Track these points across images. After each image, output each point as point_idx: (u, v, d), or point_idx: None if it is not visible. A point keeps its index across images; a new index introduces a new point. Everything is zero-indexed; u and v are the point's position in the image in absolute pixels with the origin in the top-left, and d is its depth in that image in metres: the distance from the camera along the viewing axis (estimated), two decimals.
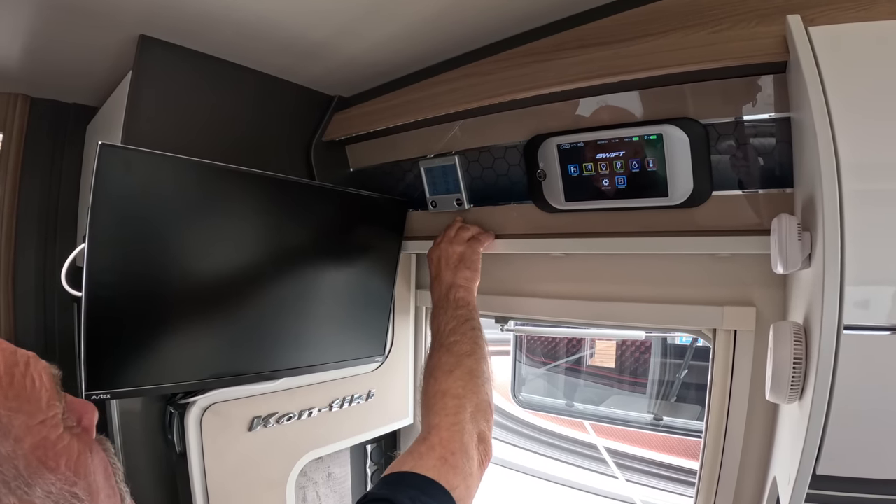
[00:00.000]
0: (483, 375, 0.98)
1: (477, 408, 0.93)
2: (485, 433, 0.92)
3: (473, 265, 1.14)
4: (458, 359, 0.98)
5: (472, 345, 1.01)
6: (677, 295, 1.07)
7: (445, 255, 1.15)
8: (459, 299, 1.09)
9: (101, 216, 0.84)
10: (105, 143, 0.82)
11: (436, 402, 0.92)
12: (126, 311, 0.89)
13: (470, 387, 0.94)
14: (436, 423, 0.88)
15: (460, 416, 0.89)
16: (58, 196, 1.39)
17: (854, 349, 0.59)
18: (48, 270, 1.39)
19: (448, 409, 0.90)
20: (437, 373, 0.96)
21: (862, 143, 0.62)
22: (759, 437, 0.98)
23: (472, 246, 1.15)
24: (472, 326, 1.05)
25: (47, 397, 0.53)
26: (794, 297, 0.83)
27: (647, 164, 0.93)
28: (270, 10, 0.94)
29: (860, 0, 0.72)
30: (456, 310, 1.07)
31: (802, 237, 0.68)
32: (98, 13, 0.93)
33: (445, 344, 1.01)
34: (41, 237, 1.37)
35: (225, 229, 1.00)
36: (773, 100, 0.83)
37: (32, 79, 1.25)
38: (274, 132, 1.24)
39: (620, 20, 0.91)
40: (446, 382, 0.94)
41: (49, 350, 1.35)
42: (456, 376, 0.95)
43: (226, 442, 1.13)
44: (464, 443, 0.86)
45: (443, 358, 0.99)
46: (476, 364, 0.99)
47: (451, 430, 0.87)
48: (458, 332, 1.03)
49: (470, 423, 0.89)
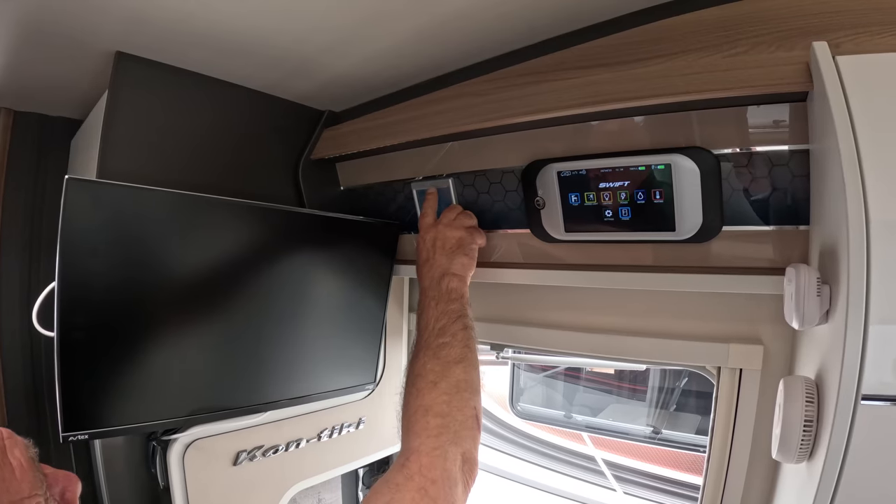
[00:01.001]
0: (472, 387, 0.91)
1: (462, 426, 0.86)
2: (470, 452, 0.85)
3: (472, 252, 1.05)
4: (446, 367, 0.90)
5: (462, 348, 0.93)
6: (681, 329, 1.02)
7: (442, 237, 1.04)
8: (453, 290, 1.00)
9: (70, 253, 0.80)
10: (72, 178, 0.78)
11: (417, 419, 0.85)
12: (102, 349, 0.85)
13: (455, 402, 0.87)
14: (416, 447, 0.82)
15: (443, 439, 0.82)
16: (42, 213, 1.34)
17: (871, 419, 0.55)
18: (32, 288, 1.33)
19: (430, 429, 0.83)
20: (420, 383, 0.89)
21: (894, 189, 0.56)
22: (760, 484, 0.93)
23: (472, 234, 1.06)
24: (464, 325, 0.96)
25: (29, 485, 0.51)
26: (806, 344, 0.78)
27: (654, 196, 0.86)
28: (257, 25, 0.88)
29: (890, 24, 0.66)
30: (448, 303, 0.98)
31: (821, 291, 0.62)
32: (74, 29, 0.88)
33: (433, 346, 0.93)
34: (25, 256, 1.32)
35: (205, 262, 0.95)
36: (789, 130, 0.77)
37: (15, 93, 1.20)
38: (261, 149, 1.19)
39: (626, 38, 0.85)
40: (430, 396, 0.87)
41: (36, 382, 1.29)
42: (441, 390, 0.87)
43: (210, 477, 1.09)
44: (446, 469, 0.80)
45: (428, 364, 0.90)
46: (465, 374, 0.90)
47: (433, 455, 0.80)
48: (448, 333, 0.94)
49: (453, 446, 0.83)
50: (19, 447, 0.53)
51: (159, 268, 0.90)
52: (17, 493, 0.50)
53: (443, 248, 1.04)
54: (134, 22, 0.86)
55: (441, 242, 1.04)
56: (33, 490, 0.52)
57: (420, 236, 1.08)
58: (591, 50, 0.87)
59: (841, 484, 0.56)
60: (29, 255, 1.30)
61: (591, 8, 0.85)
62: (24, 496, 0.51)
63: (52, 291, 0.80)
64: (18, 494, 0.50)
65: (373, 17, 0.86)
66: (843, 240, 0.56)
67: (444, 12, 0.84)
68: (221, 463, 1.11)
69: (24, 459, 0.52)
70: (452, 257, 1.03)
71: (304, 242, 1.09)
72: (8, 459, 0.51)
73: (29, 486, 0.51)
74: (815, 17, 0.70)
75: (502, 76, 0.96)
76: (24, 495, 0.51)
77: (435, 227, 1.07)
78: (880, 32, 0.65)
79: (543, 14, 0.87)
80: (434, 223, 1.08)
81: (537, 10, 0.85)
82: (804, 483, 0.64)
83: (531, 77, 0.92)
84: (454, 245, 1.04)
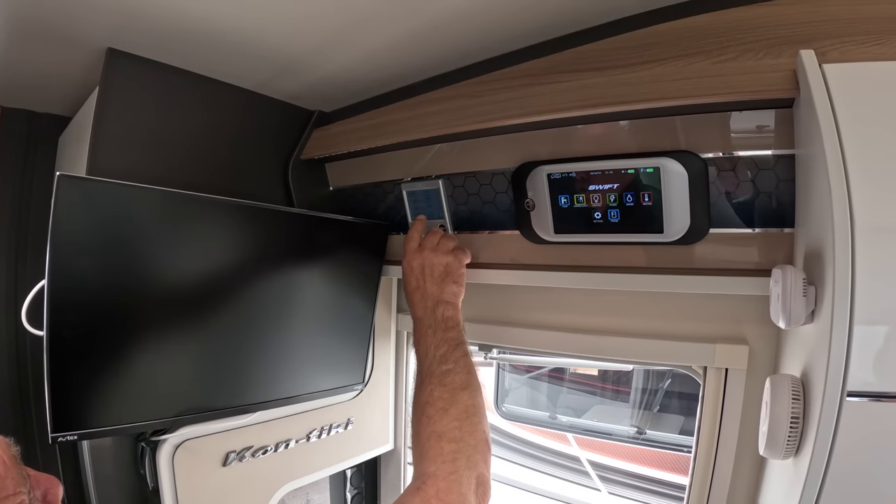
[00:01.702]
0: (480, 411, 0.91)
1: (475, 450, 0.86)
2: (483, 476, 0.86)
3: (460, 279, 1.05)
4: (453, 394, 0.90)
5: (465, 375, 0.93)
6: (668, 330, 1.03)
7: (429, 264, 1.05)
8: (449, 318, 1.00)
9: (61, 251, 0.78)
10: (63, 175, 0.77)
11: (430, 445, 0.85)
12: (91, 348, 0.84)
13: (467, 427, 0.87)
14: (432, 472, 0.81)
15: (458, 464, 0.83)
16: (28, 210, 1.31)
17: (856, 415, 0.57)
18: (19, 287, 1.31)
19: (445, 454, 0.83)
20: (429, 410, 0.89)
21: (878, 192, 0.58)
22: (746, 482, 0.95)
23: (459, 257, 1.06)
24: (464, 352, 0.97)
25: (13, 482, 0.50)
26: (791, 343, 0.80)
27: (643, 199, 0.88)
28: (249, 23, 0.88)
29: (875, 34, 0.68)
30: (446, 331, 0.98)
31: (807, 292, 0.64)
32: (64, 24, 0.87)
33: (437, 374, 0.93)
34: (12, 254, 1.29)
35: (195, 261, 0.94)
36: (775, 135, 0.79)
37: (2, 88, 1.18)
38: (250, 148, 1.18)
39: (617, 43, 0.86)
40: (441, 423, 0.87)
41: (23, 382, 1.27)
42: (451, 416, 0.88)
43: (199, 478, 1.08)
44: (462, 493, 0.80)
45: (435, 392, 0.91)
46: (471, 399, 0.91)
47: (449, 479, 0.81)
48: (451, 360, 0.95)
49: (468, 470, 0.83)
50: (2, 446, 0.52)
51: (149, 266, 0.89)
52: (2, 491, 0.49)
53: (431, 276, 1.05)
54: (125, 18, 0.85)
55: (429, 270, 1.05)
56: (17, 487, 0.51)
57: (406, 261, 1.08)
58: (583, 54, 0.88)
59: (827, 478, 0.57)
60: (15, 253, 1.27)
61: (583, 13, 0.86)
62: (8, 493, 0.50)
63: (41, 289, 0.79)
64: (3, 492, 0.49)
65: (365, 18, 0.86)
66: (829, 242, 0.57)
67: (437, 15, 0.85)
68: (211, 464, 1.10)
69: (7, 457, 0.51)
70: (443, 286, 1.03)
71: (293, 242, 1.09)
72: None
73: (13, 484, 0.50)
74: (802, 25, 0.72)
75: (494, 78, 0.97)
76: (9, 493, 0.50)
77: (420, 252, 1.07)
78: (865, 42, 0.67)
79: (536, 18, 0.87)
80: (419, 248, 1.08)
81: (530, 13, 0.86)
82: (791, 479, 0.65)
83: (523, 80, 0.92)
84: (442, 272, 1.05)
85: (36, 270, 1.27)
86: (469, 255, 1.09)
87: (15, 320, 1.27)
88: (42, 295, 0.79)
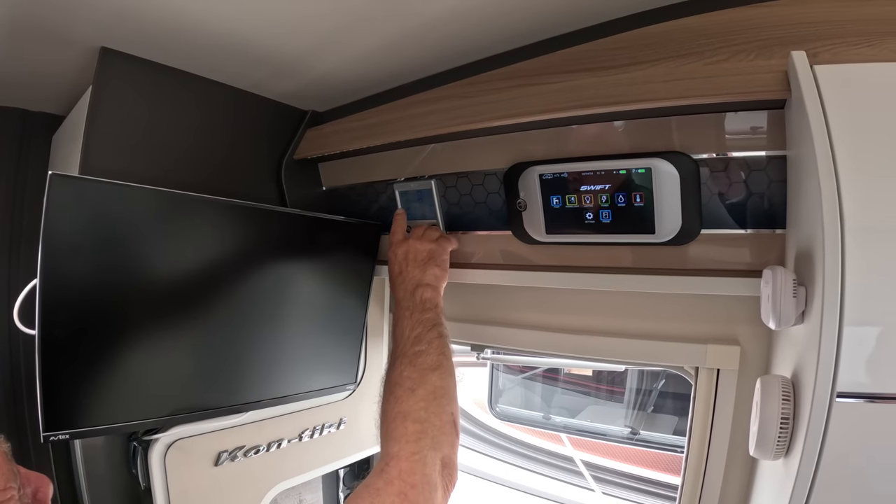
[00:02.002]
0: (448, 394, 0.91)
1: (440, 431, 0.86)
2: (449, 457, 0.86)
3: (443, 263, 1.06)
4: (422, 374, 0.90)
5: (437, 356, 0.93)
6: (660, 330, 1.03)
7: (413, 250, 1.06)
8: (427, 300, 1.00)
9: (53, 250, 0.78)
10: (55, 174, 0.77)
11: (396, 426, 0.85)
12: (84, 347, 0.84)
13: (433, 408, 0.87)
14: (395, 452, 0.82)
15: (422, 444, 0.83)
16: (21, 209, 1.31)
17: (846, 416, 0.57)
18: (12, 287, 1.30)
19: (409, 435, 0.84)
20: (397, 391, 0.89)
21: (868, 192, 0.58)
22: (738, 482, 0.95)
23: (442, 244, 1.07)
24: (438, 333, 0.96)
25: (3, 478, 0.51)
26: (782, 344, 0.80)
27: (634, 199, 0.88)
28: (243, 23, 0.88)
29: (866, 35, 0.68)
30: (422, 313, 0.99)
31: (797, 293, 0.64)
32: (58, 22, 0.86)
33: (409, 354, 0.93)
34: (5, 253, 1.28)
35: (188, 260, 0.94)
36: (766, 137, 0.79)
37: None
38: (243, 148, 1.18)
39: (610, 44, 0.86)
40: (407, 403, 0.87)
41: (15, 381, 1.26)
42: (419, 396, 0.88)
43: (191, 478, 1.08)
44: (426, 474, 0.80)
45: (405, 372, 0.91)
46: (441, 380, 0.91)
47: (412, 459, 0.81)
48: (424, 341, 0.95)
49: (432, 451, 0.83)
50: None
51: (141, 266, 0.89)
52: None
53: (415, 261, 1.05)
54: (120, 17, 0.85)
55: (413, 255, 1.06)
56: (7, 483, 0.51)
57: (391, 251, 1.09)
58: (575, 55, 0.88)
59: (817, 479, 0.57)
60: (8, 252, 1.27)
61: (575, 14, 0.86)
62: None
63: (33, 289, 0.79)
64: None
65: (359, 18, 0.86)
66: (819, 243, 0.57)
67: (430, 16, 0.85)
68: (203, 464, 1.09)
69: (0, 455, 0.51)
70: (425, 269, 1.04)
71: (285, 242, 1.09)
72: None
73: (3, 480, 0.51)
74: (793, 27, 0.72)
75: (487, 79, 0.97)
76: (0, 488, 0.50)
77: (405, 241, 1.08)
78: (856, 44, 0.67)
79: (528, 19, 0.87)
80: (404, 239, 1.09)
81: (522, 14, 0.86)
82: (781, 479, 0.65)
83: (516, 80, 0.92)
84: (425, 257, 1.05)
85: (28, 270, 1.26)
86: (454, 242, 1.09)
87: (7, 319, 1.26)
88: (34, 294, 0.78)
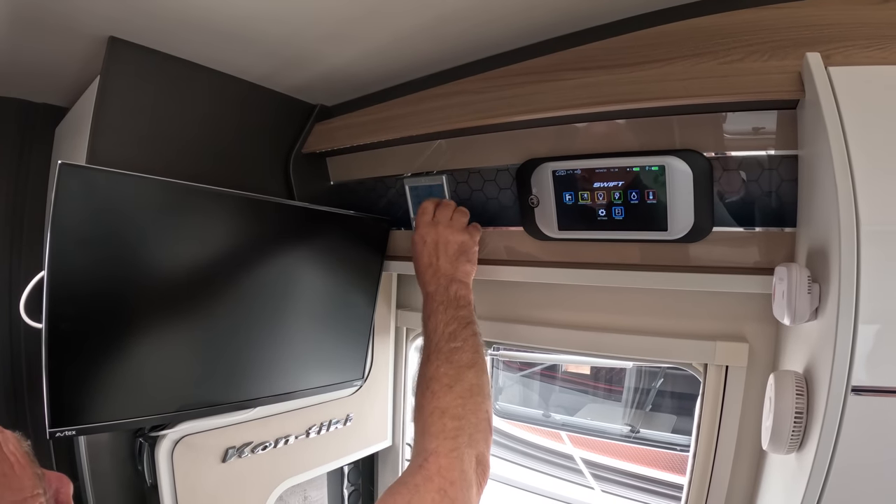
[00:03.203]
0: (484, 391, 0.91)
1: (476, 428, 0.86)
2: (483, 455, 0.86)
3: (474, 257, 1.04)
4: (459, 371, 0.90)
5: (473, 354, 0.93)
6: (669, 327, 1.04)
7: (444, 241, 1.02)
8: (461, 297, 0.99)
9: (61, 241, 0.77)
10: (65, 163, 0.76)
11: (433, 421, 0.84)
12: (91, 342, 0.83)
13: (470, 405, 0.87)
14: (434, 448, 0.81)
15: (460, 441, 0.82)
16: (24, 201, 1.30)
17: (861, 410, 0.58)
18: (14, 282, 1.29)
19: (447, 431, 0.83)
20: (434, 386, 0.88)
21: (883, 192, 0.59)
22: (745, 478, 0.96)
23: (473, 236, 1.05)
24: (473, 332, 0.96)
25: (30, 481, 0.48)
26: (792, 341, 0.81)
27: (647, 196, 0.89)
28: (253, 14, 0.87)
29: (877, 39, 0.69)
30: (457, 309, 0.97)
31: (812, 289, 0.65)
32: (64, 12, 0.86)
33: (445, 350, 0.92)
34: (6, 246, 1.28)
35: (196, 253, 0.94)
36: (777, 137, 0.80)
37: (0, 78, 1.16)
38: (251, 141, 1.17)
39: (624, 42, 0.87)
40: (445, 399, 0.86)
41: (16, 377, 1.26)
42: (456, 393, 0.87)
43: (198, 474, 1.07)
44: (463, 470, 0.80)
45: (441, 368, 0.90)
46: (477, 378, 0.91)
47: (450, 456, 0.80)
48: (460, 338, 0.94)
49: (469, 448, 0.83)
50: (13, 441, 0.49)
51: (150, 258, 0.88)
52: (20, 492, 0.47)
53: (446, 254, 1.02)
54: (128, 6, 0.84)
55: (444, 247, 1.03)
56: (35, 489, 0.48)
57: (419, 234, 1.05)
58: (589, 52, 0.89)
59: (831, 472, 0.58)
60: (10, 245, 1.26)
61: (590, 11, 0.87)
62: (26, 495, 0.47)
63: (40, 281, 0.78)
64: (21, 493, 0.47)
65: (372, 11, 0.86)
66: (835, 241, 0.58)
67: (444, 10, 0.85)
68: (210, 460, 1.09)
69: (21, 454, 0.48)
70: (457, 264, 1.02)
71: (294, 236, 1.08)
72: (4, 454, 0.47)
73: (31, 484, 0.48)
74: (806, 29, 0.73)
75: (500, 75, 0.97)
76: (27, 494, 0.47)
77: (435, 227, 1.04)
78: (868, 46, 0.69)
79: (542, 15, 0.88)
80: (433, 222, 1.05)
81: (536, 11, 0.86)
82: (794, 473, 0.66)
83: (529, 77, 0.93)
84: (457, 251, 1.03)
85: (31, 263, 1.26)
86: (481, 231, 1.08)
87: (9, 313, 1.25)
88: (40, 287, 0.77)
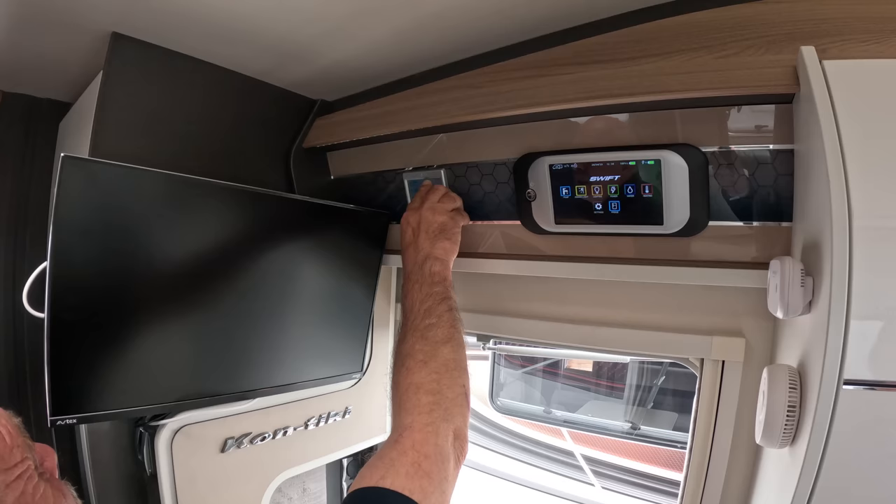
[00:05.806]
0: (460, 366, 0.92)
1: (453, 402, 0.86)
2: (461, 429, 0.86)
3: (454, 237, 1.05)
4: (434, 347, 0.91)
5: (448, 329, 0.93)
6: (666, 322, 1.04)
7: (426, 221, 1.04)
8: (435, 273, 1.00)
9: (64, 233, 0.79)
10: (68, 156, 0.77)
11: (408, 397, 0.85)
12: (92, 331, 0.84)
13: (445, 380, 0.88)
14: (408, 423, 0.82)
15: (435, 415, 0.83)
16: (27, 195, 1.31)
17: (852, 403, 0.58)
18: (17, 271, 1.30)
19: (422, 406, 0.84)
20: (409, 362, 0.89)
21: (875, 187, 0.59)
22: (741, 472, 0.96)
23: (455, 218, 1.07)
24: (448, 307, 0.96)
25: (20, 451, 0.52)
26: (787, 335, 0.81)
27: (643, 191, 0.89)
28: (254, 10, 0.88)
29: (874, 32, 0.69)
30: (432, 286, 0.98)
31: (805, 282, 0.65)
32: (67, 8, 0.87)
33: (420, 327, 0.93)
34: (11, 237, 1.29)
35: (197, 245, 0.95)
36: (773, 130, 0.80)
37: (4, 73, 1.17)
38: (253, 136, 1.18)
39: (620, 37, 0.87)
40: (420, 375, 0.87)
41: (18, 366, 1.27)
42: (431, 368, 0.88)
43: (198, 464, 1.09)
44: (438, 445, 0.81)
45: (416, 345, 0.91)
46: (453, 353, 0.91)
47: (425, 430, 0.81)
48: (434, 314, 0.95)
49: (445, 422, 0.83)
50: (3, 416, 0.53)
51: (151, 250, 0.89)
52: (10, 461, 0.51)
53: (426, 233, 1.04)
54: (130, 2, 0.85)
55: (425, 226, 1.05)
56: (24, 454, 0.53)
57: (404, 217, 1.08)
58: (586, 47, 0.89)
59: (823, 466, 0.58)
60: (14, 237, 1.27)
61: (587, 6, 0.87)
62: (16, 461, 0.51)
63: (42, 271, 0.79)
64: (10, 461, 0.51)
65: (371, 6, 0.86)
66: (827, 234, 0.58)
67: (443, 6, 0.85)
68: (209, 450, 1.10)
69: (11, 426, 0.53)
70: (435, 241, 1.03)
71: (294, 229, 1.09)
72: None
73: (20, 451, 0.52)
74: (802, 23, 0.73)
75: (498, 69, 0.97)
76: (16, 460, 0.51)
77: (418, 210, 1.06)
78: (865, 40, 0.68)
79: (540, 10, 0.88)
80: (416, 206, 1.08)
81: (534, 6, 0.86)
82: (787, 467, 0.66)
83: (527, 71, 0.93)
84: (437, 229, 1.04)
85: (34, 255, 1.28)
86: (467, 217, 1.09)
87: (12, 303, 1.27)
88: (43, 277, 0.78)
